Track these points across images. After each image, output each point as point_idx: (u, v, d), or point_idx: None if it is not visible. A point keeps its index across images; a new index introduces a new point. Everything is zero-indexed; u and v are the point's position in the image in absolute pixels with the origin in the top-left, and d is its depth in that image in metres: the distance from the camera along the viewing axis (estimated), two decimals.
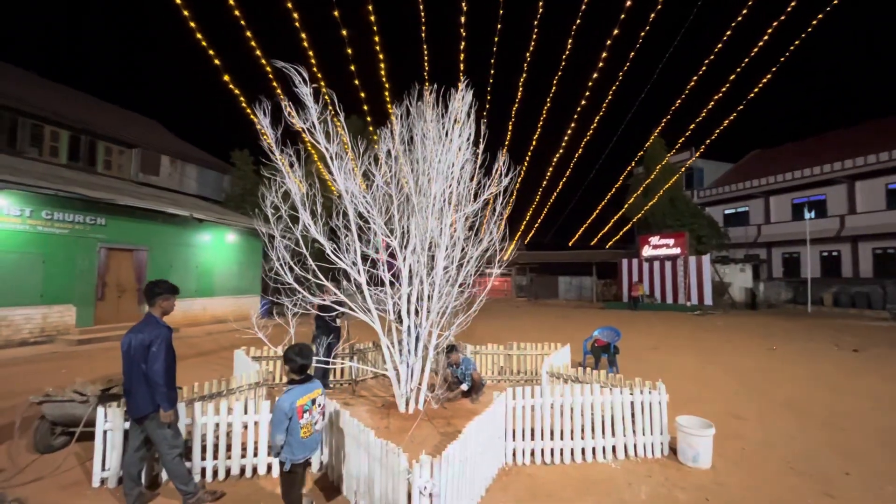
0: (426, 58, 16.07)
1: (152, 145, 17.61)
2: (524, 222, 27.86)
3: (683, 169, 25.81)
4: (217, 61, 12.23)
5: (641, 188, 24.72)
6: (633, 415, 4.20)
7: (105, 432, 3.60)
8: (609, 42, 16.23)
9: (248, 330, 5.42)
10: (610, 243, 27.76)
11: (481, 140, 5.99)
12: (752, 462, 4.12)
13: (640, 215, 24.20)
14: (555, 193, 30.27)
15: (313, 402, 2.82)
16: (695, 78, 16.50)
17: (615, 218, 25.52)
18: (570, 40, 17.86)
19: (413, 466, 2.50)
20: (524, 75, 18.08)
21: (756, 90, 15.94)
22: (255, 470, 3.80)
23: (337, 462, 3.56)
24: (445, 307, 5.56)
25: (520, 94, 18.14)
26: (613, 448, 4.15)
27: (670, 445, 4.27)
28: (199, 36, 11.90)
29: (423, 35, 17.29)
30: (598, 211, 25.87)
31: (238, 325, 5.56)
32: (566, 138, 21.19)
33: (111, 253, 12.28)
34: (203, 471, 3.67)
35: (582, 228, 28.25)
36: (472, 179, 5.78)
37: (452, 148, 5.36)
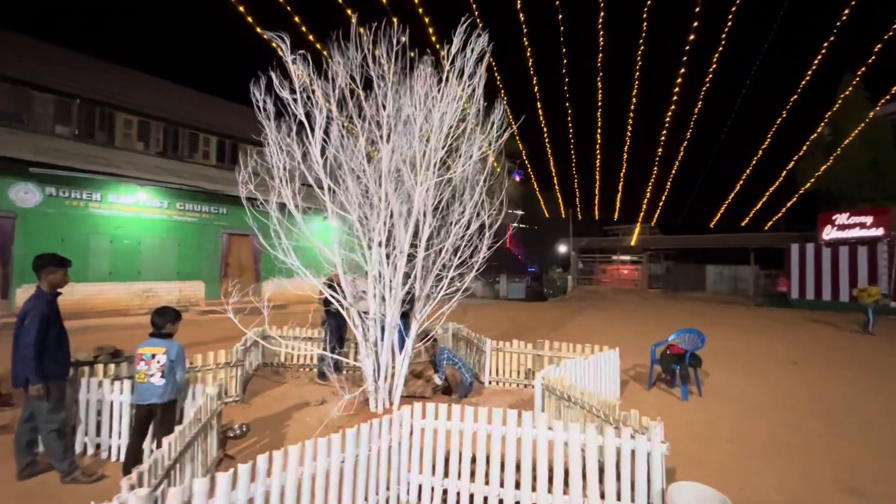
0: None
1: None
2: (645, 199, 23.63)
3: (872, 114, 18.28)
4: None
5: (808, 141, 18.18)
6: (606, 468, 2.77)
7: None
8: None
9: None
10: (769, 223, 21.77)
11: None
12: None
13: (808, 185, 18.14)
14: (677, 160, 23.70)
15: (153, 356, 3.19)
16: None
17: (772, 188, 19.58)
18: None
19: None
20: None
21: None
22: None
23: None
24: (423, 292, 4.72)
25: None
26: None
27: None
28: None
29: None
30: (742, 180, 20.03)
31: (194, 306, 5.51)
32: (694, 74, 17.04)
33: (232, 238, 14.26)
34: (109, 449, 3.62)
35: (725, 203, 22.55)
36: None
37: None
